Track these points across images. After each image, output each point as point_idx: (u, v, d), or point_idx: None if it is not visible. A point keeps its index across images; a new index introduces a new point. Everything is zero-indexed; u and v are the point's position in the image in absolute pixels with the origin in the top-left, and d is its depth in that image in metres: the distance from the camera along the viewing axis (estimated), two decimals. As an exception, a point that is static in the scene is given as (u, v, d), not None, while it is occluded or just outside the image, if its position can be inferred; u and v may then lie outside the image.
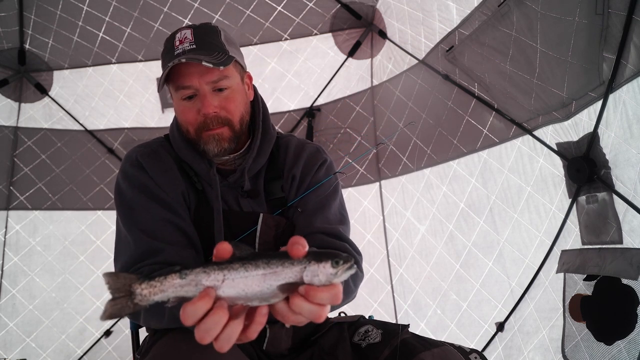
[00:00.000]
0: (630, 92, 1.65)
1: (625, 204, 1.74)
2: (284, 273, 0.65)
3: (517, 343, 2.26)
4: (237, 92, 1.22)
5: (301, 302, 0.65)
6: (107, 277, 0.70)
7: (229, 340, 0.65)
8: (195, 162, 1.25)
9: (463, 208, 2.56)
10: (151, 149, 1.29)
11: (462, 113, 2.51)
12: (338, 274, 0.65)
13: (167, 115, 3.31)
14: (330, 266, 0.65)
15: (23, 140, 3.20)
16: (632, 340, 1.67)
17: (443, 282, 2.69)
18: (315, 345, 1.24)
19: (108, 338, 3.16)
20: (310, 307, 0.65)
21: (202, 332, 0.64)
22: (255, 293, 0.64)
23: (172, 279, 0.65)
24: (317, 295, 0.64)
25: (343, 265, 0.65)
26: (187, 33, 1.19)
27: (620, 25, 1.59)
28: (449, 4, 2.32)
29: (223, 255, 0.67)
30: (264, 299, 0.65)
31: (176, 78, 1.17)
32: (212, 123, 1.18)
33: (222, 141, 1.19)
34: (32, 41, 3.04)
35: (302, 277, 0.65)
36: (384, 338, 1.14)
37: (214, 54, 1.16)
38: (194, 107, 1.18)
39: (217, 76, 1.16)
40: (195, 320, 0.63)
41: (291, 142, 1.37)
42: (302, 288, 0.64)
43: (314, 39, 3.21)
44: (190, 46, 1.17)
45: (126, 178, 1.23)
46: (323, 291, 0.64)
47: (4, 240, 3.08)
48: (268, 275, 0.64)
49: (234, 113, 1.21)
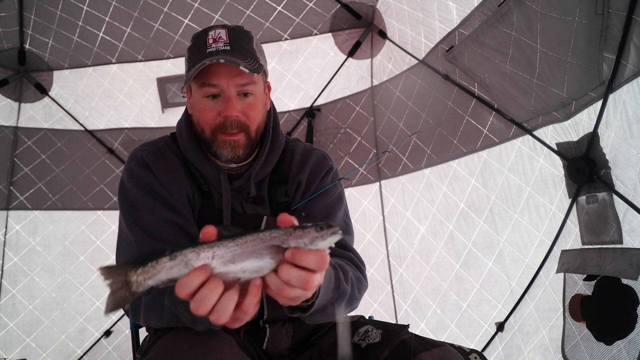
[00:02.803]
0: (630, 92, 1.65)
1: (625, 204, 1.74)
2: (271, 241, 0.67)
3: (517, 343, 2.26)
4: (259, 101, 1.22)
5: (289, 268, 0.67)
6: (104, 271, 0.72)
7: (225, 311, 0.67)
8: (202, 165, 1.24)
9: (463, 208, 2.56)
10: (157, 148, 1.27)
11: (462, 113, 2.51)
12: (323, 237, 0.67)
13: (167, 115, 3.30)
14: (314, 230, 0.67)
15: (23, 140, 3.20)
16: (632, 340, 1.67)
17: (443, 282, 2.69)
18: (315, 346, 1.24)
19: (108, 338, 3.17)
20: (298, 273, 0.67)
21: (197, 301, 0.65)
22: (245, 264, 0.67)
23: (163, 262, 0.68)
24: (302, 257, 0.67)
25: (327, 229, 0.68)
26: (221, 33, 1.18)
27: (620, 25, 1.59)
28: (449, 4, 2.32)
29: (208, 237, 0.69)
30: (255, 271, 0.67)
31: (204, 75, 1.15)
32: (230, 126, 1.16)
33: (237, 148, 1.18)
34: (32, 41, 3.04)
35: (288, 244, 0.67)
36: (383, 338, 1.14)
37: (247, 59, 1.15)
38: (215, 108, 1.17)
39: (245, 80, 1.15)
40: (190, 291, 0.65)
41: (297, 148, 1.35)
42: (289, 252, 0.67)
43: (314, 39, 3.21)
44: (224, 47, 1.15)
45: (131, 177, 1.22)
46: (308, 253, 0.67)
47: (4, 240, 3.08)
48: (257, 244, 0.67)
49: (254, 121, 1.20)
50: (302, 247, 0.67)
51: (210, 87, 1.15)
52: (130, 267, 0.70)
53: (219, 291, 0.65)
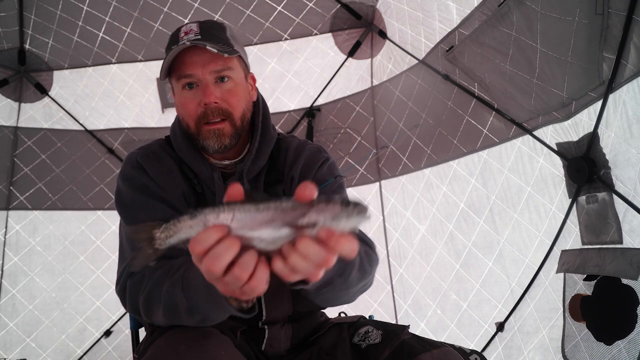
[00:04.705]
0: (630, 92, 1.65)
1: (625, 204, 1.74)
2: (294, 212, 0.62)
3: (517, 343, 2.26)
4: (239, 87, 1.21)
5: (309, 243, 0.61)
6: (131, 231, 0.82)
7: (247, 268, 0.63)
8: (196, 164, 1.23)
9: (463, 208, 2.56)
10: (151, 151, 1.27)
11: (462, 113, 2.51)
12: (348, 215, 0.61)
13: (167, 115, 3.31)
14: (340, 206, 0.62)
15: (23, 140, 3.20)
16: (632, 340, 1.67)
17: (443, 282, 2.69)
18: (315, 346, 1.23)
19: (108, 338, 3.16)
20: (318, 251, 0.61)
21: (212, 257, 0.62)
22: (263, 233, 0.63)
23: (184, 220, 0.67)
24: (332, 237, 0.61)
25: (354, 207, 0.62)
26: (192, 26, 1.18)
27: (620, 25, 1.59)
28: (449, 4, 2.32)
29: (234, 196, 0.65)
30: (271, 241, 0.64)
31: (178, 68, 1.16)
32: (212, 114, 1.16)
33: (222, 137, 1.17)
34: (32, 41, 3.04)
35: (309, 215, 0.62)
36: (384, 339, 1.14)
37: (219, 44, 1.15)
38: (195, 98, 1.16)
39: (220, 66, 1.15)
40: (206, 247, 0.62)
41: (291, 144, 1.34)
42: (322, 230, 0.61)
43: (314, 39, 3.21)
44: (195, 37, 1.15)
45: (126, 180, 1.22)
46: (342, 237, 0.61)
47: (4, 240, 3.08)
48: (277, 213, 0.63)
49: (235, 107, 1.19)
50: (323, 222, 0.61)
51: (186, 78, 1.16)
52: (155, 224, 0.71)
53: (235, 249, 0.62)
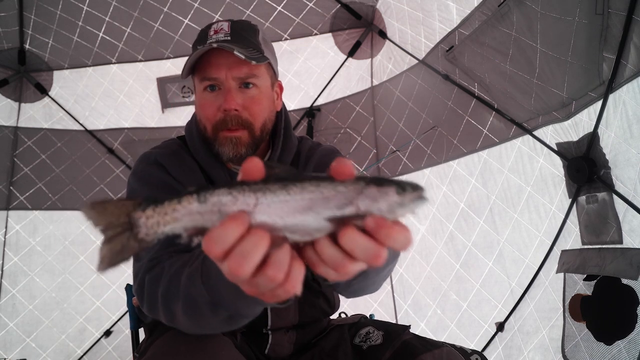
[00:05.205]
0: (630, 92, 1.65)
1: (625, 204, 1.74)
2: (337, 198, 0.49)
3: (517, 343, 2.26)
4: (264, 96, 1.14)
5: (357, 236, 0.49)
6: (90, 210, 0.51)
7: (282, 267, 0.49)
8: (214, 170, 1.16)
9: (463, 208, 2.56)
10: (172, 150, 1.18)
11: (462, 113, 2.51)
12: (404, 203, 0.49)
13: (167, 116, 3.31)
14: (395, 192, 0.49)
15: (23, 140, 3.20)
16: (632, 340, 1.67)
17: (443, 282, 2.69)
18: (316, 348, 1.23)
19: (108, 338, 3.16)
20: (367, 244, 0.49)
21: (237, 257, 0.47)
22: (297, 221, 0.49)
23: (188, 202, 0.49)
24: (384, 227, 0.48)
25: (411, 192, 0.50)
26: (223, 25, 1.13)
27: (620, 25, 1.59)
28: (449, 4, 2.32)
29: (253, 174, 0.50)
30: (307, 232, 0.50)
31: (203, 68, 1.10)
32: (231, 122, 1.09)
33: (239, 146, 1.10)
34: (32, 41, 3.04)
35: (357, 204, 0.49)
36: (385, 340, 1.13)
37: (249, 49, 1.09)
38: (215, 102, 1.10)
39: (245, 73, 1.09)
40: (225, 248, 0.48)
41: (304, 147, 1.29)
42: (371, 219, 0.49)
43: (314, 39, 3.21)
44: (225, 37, 1.10)
45: (141, 178, 1.11)
46: (393, 225, 0.49)
47: (4, 240, 3.08)
48: (316, 201, 0.49)
49: (257, 117, 1.12)
50: (374, 211, 0.49)
51: (209, 80, 1.10)
52: (135, 203, 0.51)
53: (265, 245, 0.48)
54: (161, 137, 3.24)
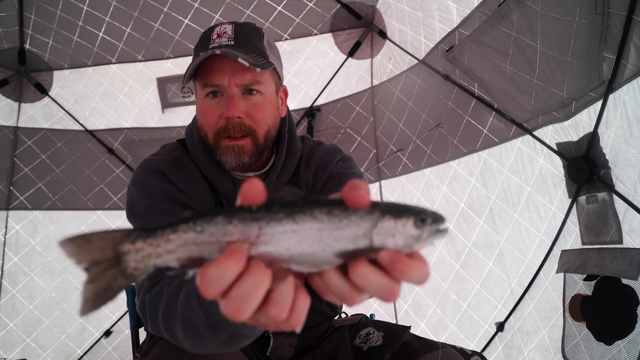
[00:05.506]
0: (630, 92, 1.66)
1: (625, 204, 1.74)
2: (349, 229, 0.44)
3: (517, 343, 2.26)
4: (268, 102, 1.10)
5: (369, 271, 0.44)
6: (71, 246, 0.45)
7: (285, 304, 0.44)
8: (216, 177, 1.13)
9: (463, 208, 2.56)
10: (173, 157, 1.14)
11: (462, 113, 2.51)
12: (422, 237, 0.45)
13: (167, 116, 3.31)
14: (413, 225, 0.45)
15: (23, 140, 3.20)
16: (632, 340, 1.67)
17: (443, 282, 2.69)
18: (317, 350, 1.23)
19: (108, 338, 3.16)
20: (381, 281, 0.44)
21: (236, 300, 0.42)
22: (303, 253, 0.44)
23: (184, 231, 0.44)
24: (400, 263, 0.44)
25: (431, 224, 0.46)
26: (227, 28, 1.08)
27: (620, 25, 1.59)
28: (449, 4, 2.32)
29: (253, 197, 0.45)
30: (315, 264, 0.45)
31: (205, 74, 1.06)
32: (233, 130, 1.05)
33: (242, 154, 1.07)
34: (32, 41, 3.04)
35: (372, 237, 0.45)
36: (385, 341, 1.13)
37: (253, 55, 1.06)
38: (217, 109, 1.06)
39: (249, 79, 1.05)
40: (222, 289, 0.42)
41: (305, 147, 1.26)
42: (385, 253, 0.44)
43: (314, 39, 3.21)
44: (228, 41, 1.06)
45: (141, 187, 1.07)
46: (412, 261, 0.45)
47: (4, 240, 3.08)
48: (326, 232, 0.44)
49: (261, 124, 1.08)
50: (389, 246, 0.45)
51: (211, 87, 1.06)
52: (124, 234, 0.45)
53: (267, 284, 0.43)
54: (161, 137, 3.26)
